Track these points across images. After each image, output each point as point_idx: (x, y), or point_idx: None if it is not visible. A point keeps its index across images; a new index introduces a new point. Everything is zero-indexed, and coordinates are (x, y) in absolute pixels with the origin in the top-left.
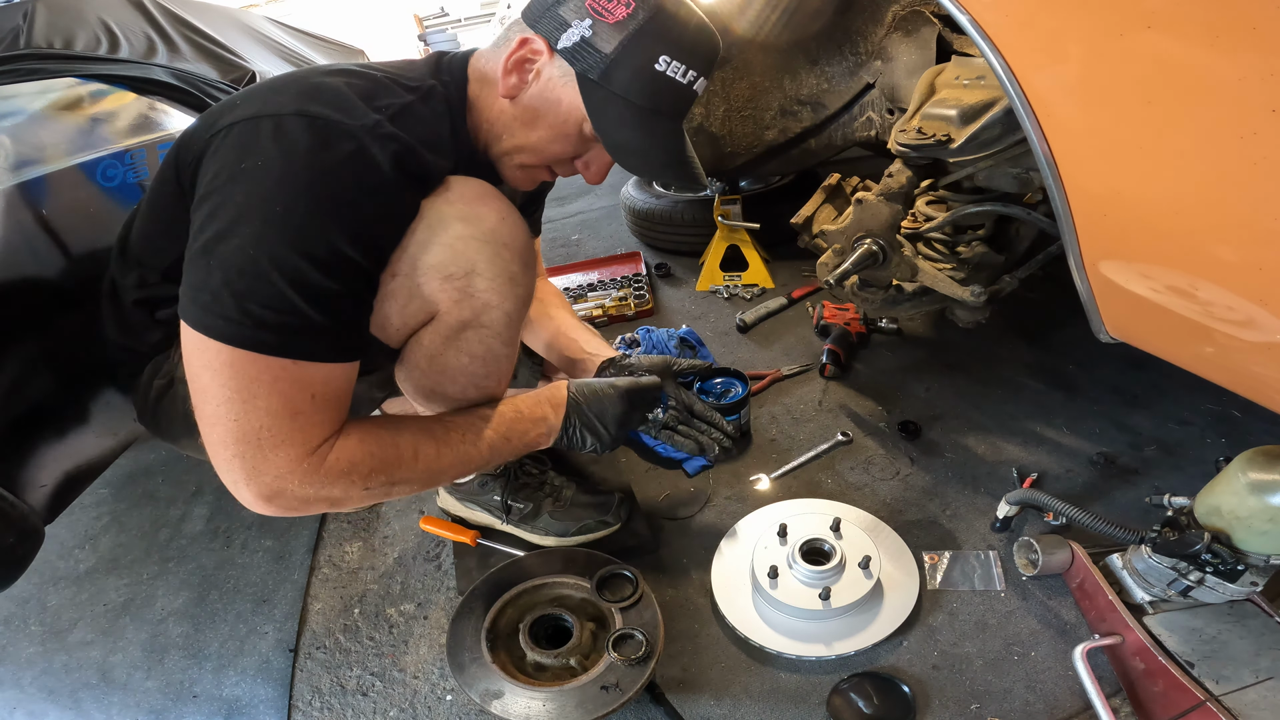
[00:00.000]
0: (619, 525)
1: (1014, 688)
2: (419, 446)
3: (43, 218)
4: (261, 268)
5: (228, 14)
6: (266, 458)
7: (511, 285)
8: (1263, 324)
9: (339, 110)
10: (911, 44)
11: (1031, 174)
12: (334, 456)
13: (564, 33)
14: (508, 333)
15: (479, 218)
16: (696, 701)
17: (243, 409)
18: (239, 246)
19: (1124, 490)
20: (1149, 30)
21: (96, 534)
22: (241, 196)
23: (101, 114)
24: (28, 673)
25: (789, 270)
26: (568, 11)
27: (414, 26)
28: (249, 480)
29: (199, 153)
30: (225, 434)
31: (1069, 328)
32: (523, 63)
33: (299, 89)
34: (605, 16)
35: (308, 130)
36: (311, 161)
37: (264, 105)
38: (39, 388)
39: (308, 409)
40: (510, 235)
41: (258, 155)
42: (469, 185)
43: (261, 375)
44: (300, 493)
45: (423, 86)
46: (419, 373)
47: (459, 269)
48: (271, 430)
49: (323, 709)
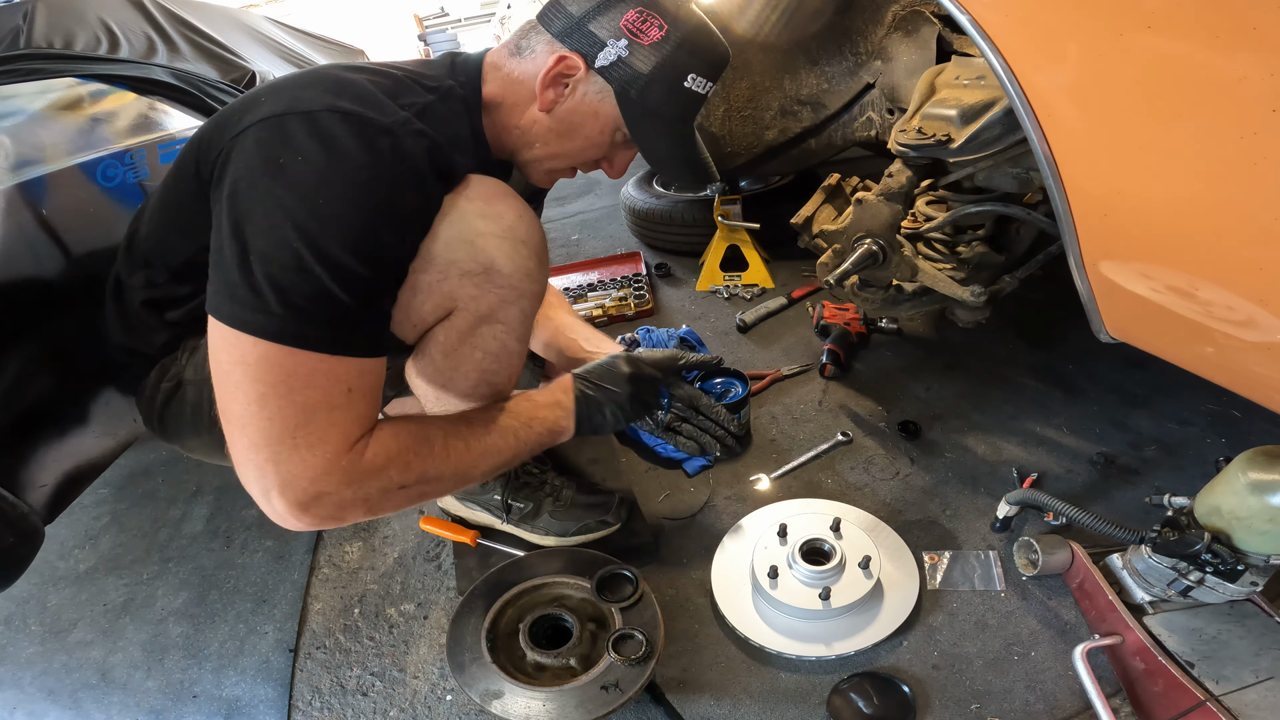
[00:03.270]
0: (619, 525)
1: (1014, 688)
2: (449, 440)
3: (43, 218)
4: (306, 262)
5: (228, 14)
6: (303, 458)
7: (529, 281)
8: (1263, 324)
9: (371, 106)
10: (911, 44)
11: (1031, 174)
12: (371, 452)
13: (600, 51)
14: (522, 329)
15: (498, 215)
16: (696, 701)
17: (278, 406)
18: (281, 241)
19: (1124, 490)
20: (1149, 30)
21: (96, 534)
22: (282, 190)
23: (101, 114)
24: (28, 673)
25: (789, 270)
26: (601, 29)
27: (414, 26)
28: (285, 487)
29: (225, 149)
30: (258, 435)
31: (1069, 328)
32: (560, 78)
33: (326, 85)
34: (641, 37)
35: (344, 125)
36: (353, 156)
37: (293, 102)
38: (39, 388)
39: (344, 403)
40: (528, 232)
41: (296, 151)
42: (487, 184)
43: (299, 369)
44: (339, 495)
45: (441, 87)
46: (433, 367)
47: (478, 265)
48: (308, 428)
49: (323, 709)
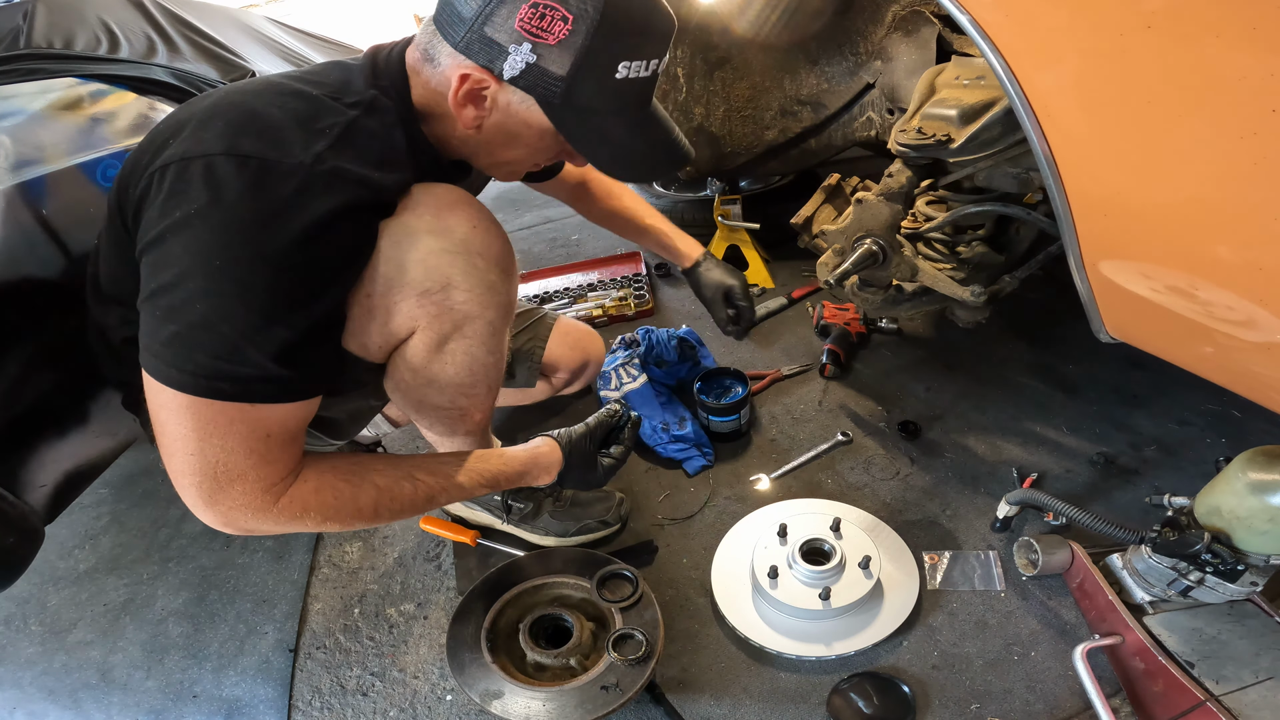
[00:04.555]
0: (619, 525)
1: (1014, 688)
2: (381, 504)
3: (43, 218)
4: (209, 320)
5: (228, 14)
6: (223, 489)
7: (491, 294)
8: (1263, 324)
9: (273, 146)
10: (911, 44)
11: (1031, 174)
12: (287, 499)
13: (504, 61)
14: (492, 341)
15: (449, 229)
16: (696, 701)
17: (199, 447)
18: (184, 300)
19: (1124, 490)
20: (1149, 30)
21: (96, 534)
22: (179, 249)
23: (101, 114)
24: (28, 673)
25: (789, 270)
26: (498, 34)
27: (414, 26)
28: (206, 506)
29: (139, 195)
30: (183, 465)
31: (1069, 328)
32: (472, 96)
33: (229, 120)
34: (544, 37)
35: (239, 174)
36: (244, 209)
37: (194, 143)
38: (39, 388)
39: (261, 449)
40: (484, 244)
41: (191, 202)
42: (436, 194)
43: (217, 419)
44: (253, 525)
45: (364, 99)
46: (405, 386)
47: (434, 284)
48: (226, 466)
49: (323, 709)
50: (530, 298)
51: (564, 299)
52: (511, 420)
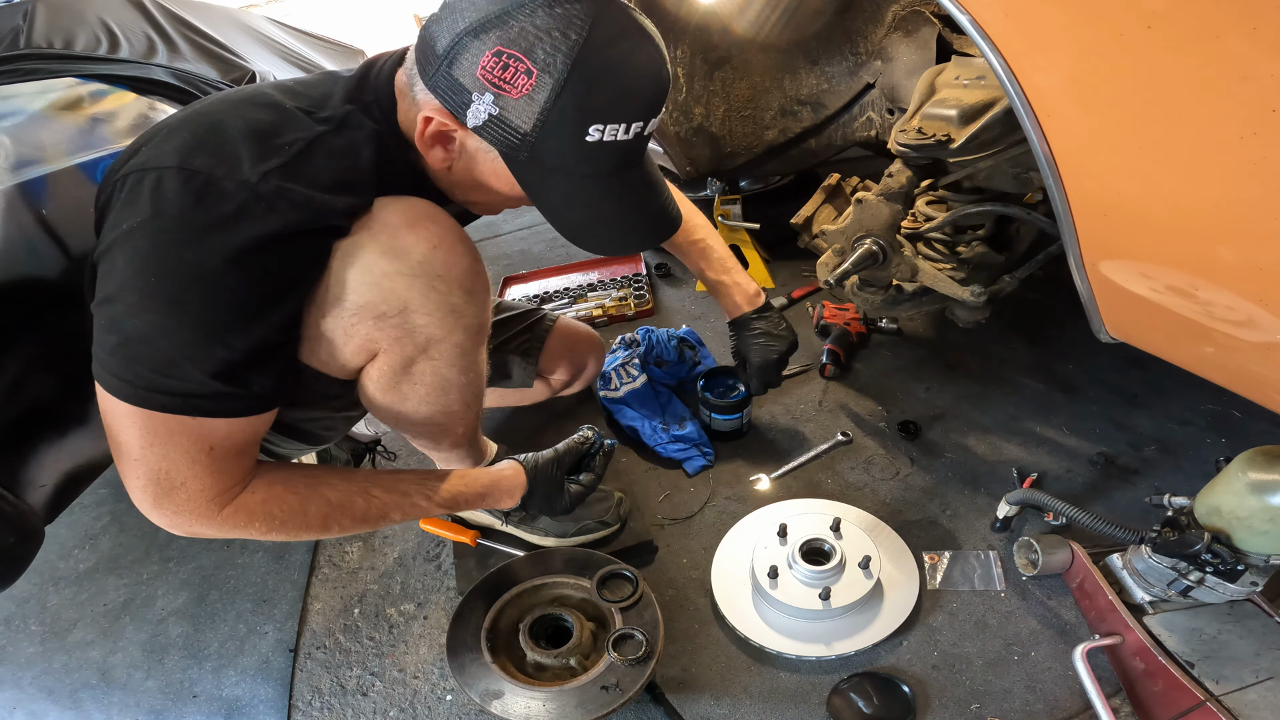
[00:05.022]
0: (619, 525)
1: (1014, 688)
2: (331, 518)
3: (43, 218)
4: (147, 334)
5: (228, 14)
6: (167, 495)
7: (455, 317)
8: (1263, 324)
9: (223, 163)
10: (911, 44)
11: (1031, 174)
12: (231, 509)
13: (468, 109)
14: (462, 361)
15: (404, 251)
16: (696, 701)
17: (143, 454)
18: (125, 312)
19: (1124, 490)
20: (1149, 30)
21: (96, 534)
22: (123, 260)
23: (101, 114)
24: (28, 673)
25: (789, 270)
26: (463, 78)
27: (414, 26)
28: (152, 508)
29: (104, 201)
30: (130, 469)
31: (1069, 328)
32: (439, 139)
33: (193, 132)
34: (507, 90)
35: (183, 189)
36: (180, 226)
37: (155, 154)
38: (39, 388)
39: (205, 460)
40: (444, 265)
41: (137, 215)
42: (397, 210)
43: (158, 429)
44: (198, 530)
45: (336, 115)
46: (376, 405)
47: (391, 308)
48: (169, 474)
49: (323, 709)
50: (530, 298)
51: (564, 299)
52: (511, 421)
